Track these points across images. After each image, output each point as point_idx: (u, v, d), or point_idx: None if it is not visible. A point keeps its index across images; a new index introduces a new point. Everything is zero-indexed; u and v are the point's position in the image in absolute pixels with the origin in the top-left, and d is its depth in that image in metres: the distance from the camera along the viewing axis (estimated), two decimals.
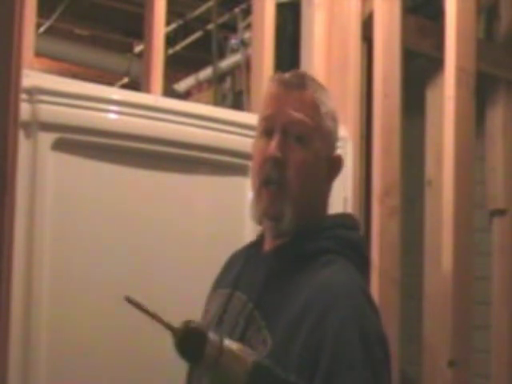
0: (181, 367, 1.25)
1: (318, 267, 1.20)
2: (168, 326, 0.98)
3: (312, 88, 1.28)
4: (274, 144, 1.24)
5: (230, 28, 3.83)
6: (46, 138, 1.61)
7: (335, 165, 1.32)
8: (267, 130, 1.26)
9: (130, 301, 1.03)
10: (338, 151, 1.35)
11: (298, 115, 1.25)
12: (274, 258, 1.26)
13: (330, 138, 1.30)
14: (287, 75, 1.30)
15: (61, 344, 1.59)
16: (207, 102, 3.50)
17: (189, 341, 0.99)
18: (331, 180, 1.32)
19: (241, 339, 1.19)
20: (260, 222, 1.30)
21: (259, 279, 1.24)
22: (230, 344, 1.01)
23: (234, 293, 1.28)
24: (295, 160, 1.24)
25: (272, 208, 1.24)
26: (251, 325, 1.20)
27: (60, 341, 1.59)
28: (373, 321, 1.17)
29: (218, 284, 1.39)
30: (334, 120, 1.31)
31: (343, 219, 1.36)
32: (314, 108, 1.26)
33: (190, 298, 1.78)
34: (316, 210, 1.29)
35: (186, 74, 4.20)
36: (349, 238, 1.28)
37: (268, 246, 1.30)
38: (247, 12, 3.49)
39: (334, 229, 1.27)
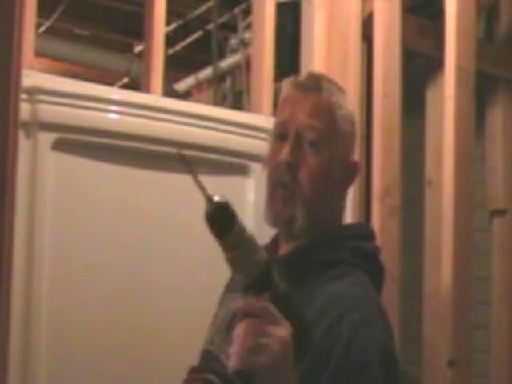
0: (182, 364, 1.25)
1: (332, 279, 1.19)
2: (208, 196, 1.01)
3: (328, 91, 1.26)
4: (286, 149, 1.23)
5: (230, 28, 3.83)
6: (46, 138, 1.61)
7: (351, 170, 1.28)
8: (281, 134, 1.26)
9: (181, 156, 1.06)
10: None
11: (311, 120, 1.23)
12: (287, 264, 1.22)
13: (346, 143, 1.27)
14: (302, 78, 1.28)
15: (61, 343, 1.59)
16: (207, 102, 3.50)
17: (219, 216, 0.99)
18: (347, 186, 1.29)
19: None
20: (274, 225, 1.28)
21: None
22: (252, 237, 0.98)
23: (245, 297, 1.27)
24: (308, 165, 1.22)
25: (284, 211, 1.23)
26: None
27: (60, 340, 1.59)
28: (384, 335, 1.15)
29: (230, 287, 1.36)
30: (352, 123, 1.28)
31: (359, 229, 1.35)
32: (328, 112, 1.25)
33: (189, 298, 1.78)
34: (331, 217, 1.27)
35: (186, 74, 4.20)
36: (365, 249, 1.26)
37: (282, 250, 1.28)
38: (247, 12, 3.48)
39: (349, 239, 1.26)
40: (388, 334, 1.17)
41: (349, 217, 2.10)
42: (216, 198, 1.01)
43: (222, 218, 0.97)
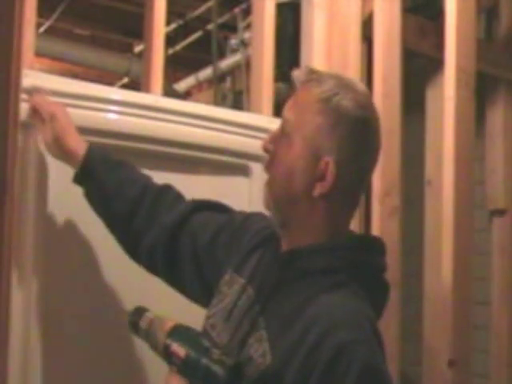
0: None
1: (327, 288, 1.18)
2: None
3: (316, 83, 1.23)
4: (267, 137, 1.28)
5: (230, 28, 3.83)
6: None
7: (320, 170, 1.20)
8: None
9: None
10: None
11: (287, 113, 1.25)
12: (285, 264, 1.23)
13: (321, 137, 1.20)
14: (300, 71, 1.28)
15: (61, 342, 1.59)
16: (207, 102, 3.50)
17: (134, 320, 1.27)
18: (324, 185, 1.20)
19: (242, 344, 1.19)
20: None
21: (269, 282, 1.23)
22: (158, 319, 1.23)
23: (246, 287, 1.26)
24: (278, 156, 1.24)
25: (263, 196, 1.28)
26: (254, 331, 1.19)
27: (61, 339, 1.59)
28: (370, 354, 1.12)
29: (239, 267, 1.32)
30: (337, 120, 1.20)
31: (365, 241, 1.32)
32: (307, 105, 1.23)
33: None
34: (311, 216, 1.23)
35: (186, 74, 4.20)
36: (366, 262, 1.24)
37: (284, 242, 1.27)
38: (247, 12, 3.49)
39: (351, 249, 1.23)
40: (377, 352, 1.14)
41: None
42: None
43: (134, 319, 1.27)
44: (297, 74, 1.27)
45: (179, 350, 1.14)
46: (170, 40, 4.08)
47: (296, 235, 1.24)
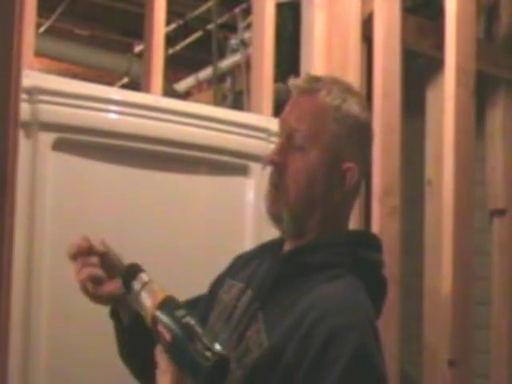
0: None
1: (325, 280, 1.19)
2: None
3: (325, 92, 1.24)
4: (274, 149, 1.25)
5: (230, 28, 3.83)
6: (46, 138, 1.61)
7: (345, 175, 1.23)
8: (279, 133, 1.27)
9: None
10: None
11: (298, 124, 1.23)
12: (285, 262, 1.25)
13: (339, 145, 1.23)
14: (300, 80, 1.28)
15: (61, 344, 1.59)
16: (207, 102, 3.50)
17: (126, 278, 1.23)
18: (344, 190, 1.24)
19: (240, 337, 1.20)
20: (271, 222, 1.29)
21: (269, 280, 1.24)
22: (152, 284, 1.18)
23: (246, 289, 1.28)
24: (293, 168, 1.23)
25: (271, 209, 1.25)
26: (252, 325, 1.20)
27: (60, 341, 1.59)
28: (364, 340, 1.12)
29: (236, 274, 1.35)
30: (350, 126, 1.23)
31: (363, 237, 1.33)
32: (319, 114, 1.23)
33: (188, 293, 1.78)
34: (323, 220, 1.25)
35: (186, 74, 4.21)
36: (366, 259, 1.25)
37: (285, 247, 1.29)
38: (247, 12, 3.49)
39: (352, 246, 1.24)
40: (370, 337, 1.14)
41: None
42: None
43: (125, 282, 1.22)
44: (297, 83, 1.27)
45: (166, 332, 1.09)
46: (170, 40, 4.09)
47: (304, 236, 1.26)
